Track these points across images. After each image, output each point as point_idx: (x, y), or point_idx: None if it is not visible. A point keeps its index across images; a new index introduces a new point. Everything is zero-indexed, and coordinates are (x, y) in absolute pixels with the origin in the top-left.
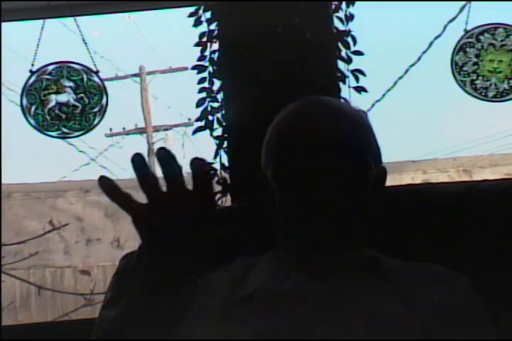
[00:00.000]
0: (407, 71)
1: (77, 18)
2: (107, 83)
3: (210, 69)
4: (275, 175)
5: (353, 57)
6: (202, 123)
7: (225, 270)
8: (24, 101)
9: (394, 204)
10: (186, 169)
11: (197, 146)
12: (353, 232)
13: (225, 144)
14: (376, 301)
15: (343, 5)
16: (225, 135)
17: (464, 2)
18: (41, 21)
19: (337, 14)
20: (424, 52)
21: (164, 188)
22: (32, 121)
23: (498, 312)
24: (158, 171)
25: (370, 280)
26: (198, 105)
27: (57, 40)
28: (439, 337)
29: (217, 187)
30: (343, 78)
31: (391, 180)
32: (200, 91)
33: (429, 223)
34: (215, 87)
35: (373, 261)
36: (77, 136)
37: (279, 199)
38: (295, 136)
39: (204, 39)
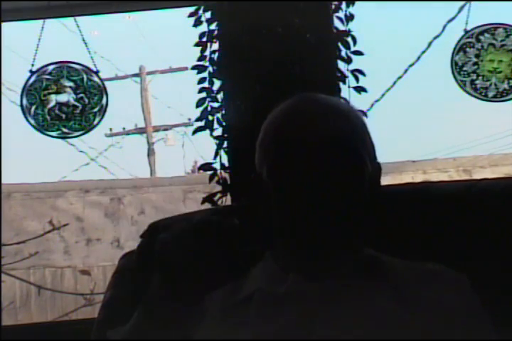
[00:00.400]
0: (406, 71)
1: (77, 18)
2: (107, 83)
3: (210, 69)
4: (271, 175)
5: (353, 57)
6: (202, 123)
7: None
8: (24, 101)
9: (393, 203)
10: (186, 168)
11: (197, 146)
12: (352, 231)
13: (225, 144)
14: (376, 302)
15: (343, 5)
16: (225, 135)
17: (464, 2)
18: (41, 21)
19: (337, 14)
20: (423, 52)
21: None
22: (32, 121)
23: (498, 311)
24: (158, 170)
25: (370, 281)
26: (198, 105)
27: (57, 40)
28: (439, 337)
29: (218, 187)
30: (343, 78)
31: (391, 180)
32: (200, 91)
33: (428, 222)
34: (215, 87)
35: (373, 260)
36: (77, 136)
37: (275, 199)
38: (290, 134)
39: (204, 39)
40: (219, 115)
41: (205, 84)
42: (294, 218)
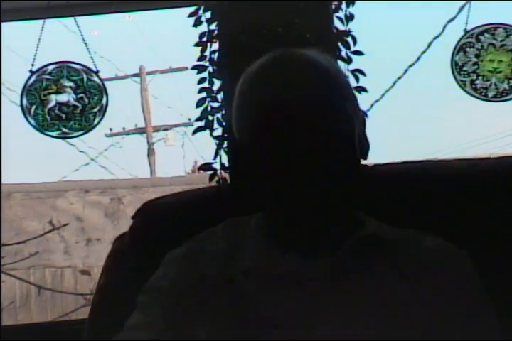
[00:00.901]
0: (406, 71)
1: (77, 18)
2: (107, 83)
3: (210, 69)
4: (254, 142)
5: (353, 57)
6: (202, 123)
7: (214, 237)
8: (24, 101)
9: (394, 182)
10: (186, 168)
11: (197, 146)
12: (344, 194)
13: (225, 144)
14: (377, 282)
15: (343, 5)
16: (225, 135)
17: (464, 2)
18: (41, 21)
19: (337, 14)
20: (423, 53)
21: None
22: (32, 121)
23: (498, 288)
24: (158, 170)
25: (369, 259)
26: (198, 105)
27: (57, 40)
28: (440, 315)
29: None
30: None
31: None
32: (200, 91)
33: (429, 201)
34: (215, 87)
35: (372, 236)
36: (77, 136)
37: (262, 167)
38: (269, 99)
39: (204, 39)
40: (219, 115)
41: (205, 84)
42: (284, 185)
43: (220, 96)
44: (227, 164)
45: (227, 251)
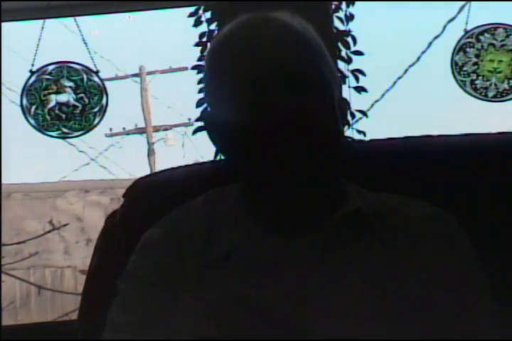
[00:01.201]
0: (406, 71)
1: (77, 18)
2: (107, 83)
3: None
4: (233, 111)
5: (353, 57)
6: (202, 123)
7: (191, 214)
8: (24, 101)
9: (389, 157)
10: None
11: (197, 146)
12: (329, 169)
13: None
14: (365, 258)
15: (343, 5)
16: None
17: (464, 2)
18: (41, 21)
19: (337, 14)
20: (423, 53)
21: None
22: (32, 121)
23: (496, 265)
24: (159, 170)
25: (356, 238)
26: (198, 105)
27: (57, 40)
28: (433, 288)
29: None
30: (343, 78)
31: None
32: (200, 91)
33: (429, 176)
34: None
35: (358, 212)
36: (77, 136)
37: (240, 141)
38: (248, 66)
39: (204, 39)
40: None
41: None
42: (264, 159)
43: None
44: None
45: (205, 231)
